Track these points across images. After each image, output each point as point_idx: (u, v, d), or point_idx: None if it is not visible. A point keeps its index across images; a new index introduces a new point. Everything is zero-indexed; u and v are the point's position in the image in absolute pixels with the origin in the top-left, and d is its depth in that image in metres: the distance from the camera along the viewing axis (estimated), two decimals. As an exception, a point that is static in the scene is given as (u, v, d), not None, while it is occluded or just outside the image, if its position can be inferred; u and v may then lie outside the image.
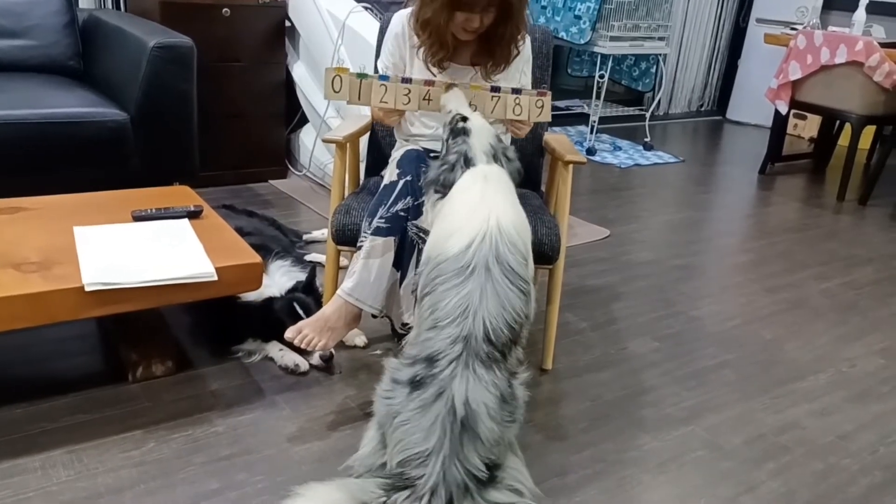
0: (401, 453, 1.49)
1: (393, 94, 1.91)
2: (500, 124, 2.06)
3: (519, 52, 2.06)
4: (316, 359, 2.09)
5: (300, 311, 2.09)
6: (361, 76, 1.90)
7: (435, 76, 2.01)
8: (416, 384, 1.51)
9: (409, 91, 1.92)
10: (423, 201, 1.90)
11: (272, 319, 2.11)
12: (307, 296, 2.19)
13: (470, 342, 1.50)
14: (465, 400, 1.46)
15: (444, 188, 1.75)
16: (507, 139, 2.10)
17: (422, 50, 2.01)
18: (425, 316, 1.60)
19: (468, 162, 1.75)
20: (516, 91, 1.95)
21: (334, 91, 1.90)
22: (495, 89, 1.96)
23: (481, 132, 1.81)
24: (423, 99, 1.94)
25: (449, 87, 1.94)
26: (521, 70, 2.13)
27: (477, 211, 1.63)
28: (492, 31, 1.96)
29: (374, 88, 1.91)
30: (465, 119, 1.83)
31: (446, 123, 1.87)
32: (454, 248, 1.58)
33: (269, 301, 2.14)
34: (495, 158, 1.78)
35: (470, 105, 1.94)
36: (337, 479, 1.54)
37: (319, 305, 2.15)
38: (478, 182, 1.70)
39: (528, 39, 2.13)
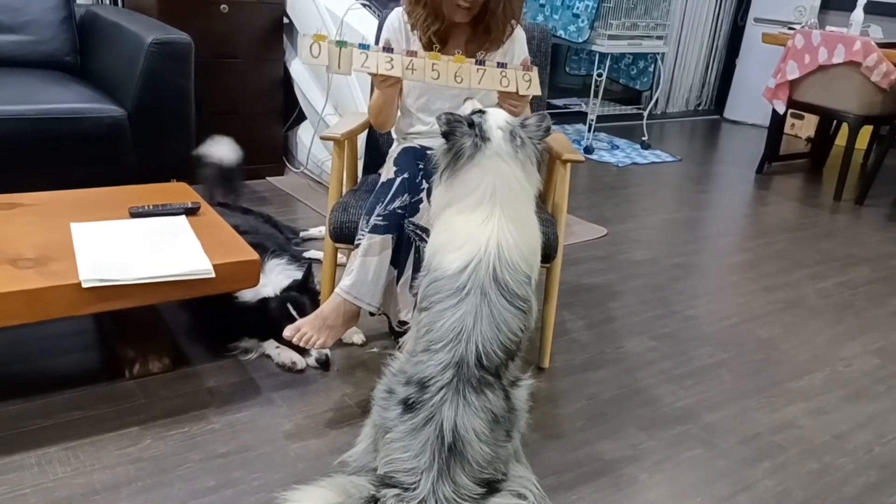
0: (389, 466, 1.51)
1: (375, 60, 1.86)
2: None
3: (513, 30, 2.06)
4: (312, 360, 2.09)
5: (293, 312, 2.09)
6: (341, 44, 1.84)
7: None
8: (408, 406, 1.52)
9: (392, 59, 1.87)
10: (420, 198, 1.90)
11: (267, 319, 2.11)
12: (302, 294, 2.19)
13: (462, 368, 1.50)
14: (453, 426, 1.48)
15: (450, 135, 1.62)
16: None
17: (417, 31, 2.00)
18: (421, 333, 1.58)
19: (483, 134, 1.63)
20: (501, 65, 1.94)
21: (312, 56, 1.83)
22: (480, 62, 1.93)
23: (496, 113, 1.71)
24: (406, 68, 1.88)
25: (466, 99, 1.91)
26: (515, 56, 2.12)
27: (481, 229, 1.57)
28: (485, 7, 1.97)
29: (354, 55, 1.85)
30: (482, 112, 1.74)
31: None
32: (451, 267, 1.56)
33: (264, 301, 2.14)
34: (512, 136, 1.65)
35: (456, 77, 1.88)
36: (326, 477, 1.54)
37: (315, 303, 2.15)
38: (488, 194, 1.60)
39: (523, 35, 2.13)
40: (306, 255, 2.75)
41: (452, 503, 1.47)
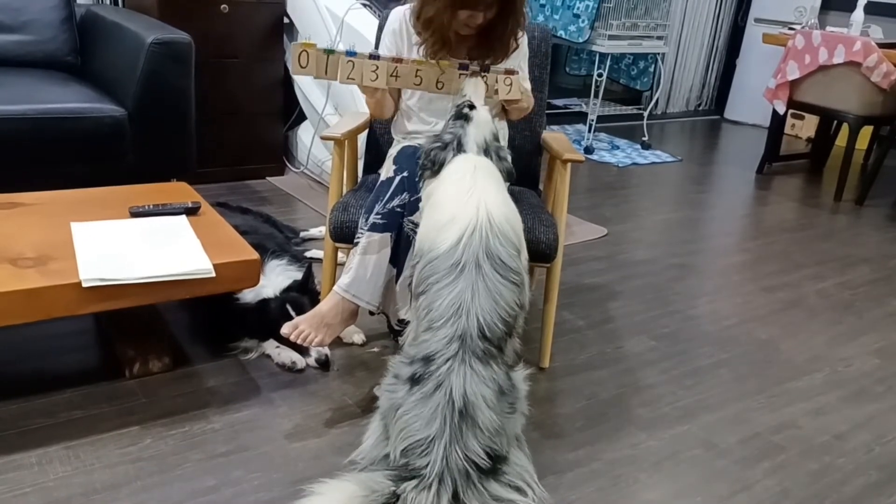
0: (403, 441, 1.52)
1: (360, 71, 1.90)
2: (500, 119, 2.07)
3: (518, 46, 2.06)
4: (312, 360, 2.09)
5: (292, 313, 2.09)
6: (329, 52, 1.88)
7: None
8: (415, 380, 1.54)
9: (377, 67, 1.90)
10: (420, 196, 1.90)
11: (267, 320, 2.11)
12: (302, 295, 2.19)
13: (465, 340, 1.53)
14: (462, 392, 1.51)
15: (432, 165, 1.79)
16: (503, 134, 2.10)
17: (422, 46, 2.01)
18: (421, 316, 1.62)
19: (460, 147, 1.79)
20: (485, 70, 1.96)
21: (301, 66, 1.87)
22: (463, 67, 1.96)
23: (481, 124, 1.84)
24: (391, 75, 1.92)
25: (473, 73, 1.95)
26: (518, 66, 2.13)
27: (468, 201, 1.65)
28: (492, 26, 1.96)
29: (340, 64, 1.89)
30: (472, 107, 1.86)
31: (454, 105, 1.90)
32: (445, 244, 1.61)
33: (264, 302, 2.14)
34: (486, 153, 1.81)
35: (437, 83, 1.95)
36: (342, 474, 1.55)
37: (315, 304, 2.15)
38: (468, 171, 1.72)
39: (524, 36, 2.13)
40: (308, 254, 2.75)
41: (464, 475, 1.48)
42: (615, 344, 2.41)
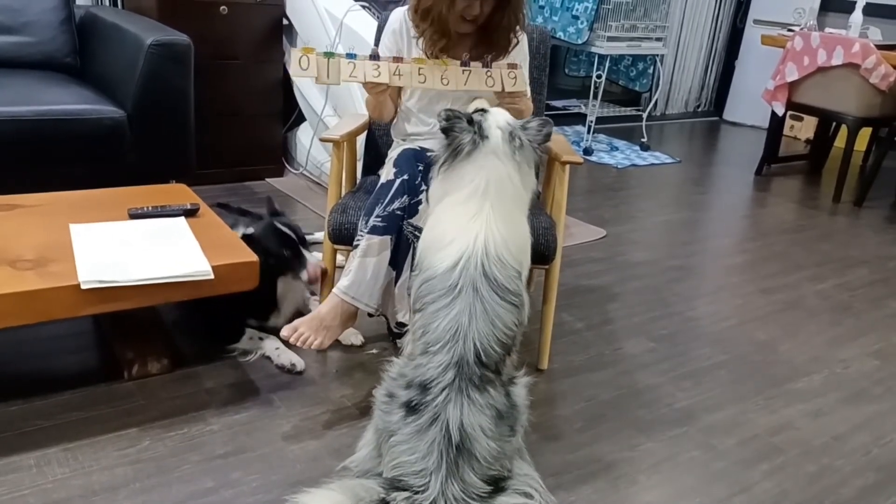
0: (395, 469, 1.50)
1: (362, 70, 1.90)
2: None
3: (518, 42, 2.06)
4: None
5: (286, 230, 2.05)
6: (329, 55, 1.89)
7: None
8: (411, 408, 1.51)
9: (378, 66, 1.91)
10: (420, 200, 1.91)
11: (259, 251, 1.99)
12: (279, 216, 2.18)
13: (462, 367, 1.50)
14: (459, 425, 1.48)
15: (451, 150, 1.65)
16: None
17: (422, 40, 2.01)
18: (417, 336, 1.59)
19: (481, 132, 1.65)
20: (486, 65, 1.96)
21: (302, 69, 1.88)
22: (465, 64, 1.96)
23: (498, 112, 1.74)
24: (394, 74, 1.92)
25: (475, 98, 1.95)
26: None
27: (469, 227, 1.59)
28: (491, 21, 1.97)
29: (342, 66, 1.90)
30: (484, 110, 1.79)
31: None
32: (442, 266, 1.57)
33: (249, 236, 2.10)
34: (512, 136, 1.67)
35: (442, 79, 1.93)
36: (334, 479, 1.54)
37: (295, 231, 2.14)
38: (478, 191, 1.62)
39: (525, 38, 2.13)
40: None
41: (461, 503, 1.46)
42: (614, 345, 2.41)
